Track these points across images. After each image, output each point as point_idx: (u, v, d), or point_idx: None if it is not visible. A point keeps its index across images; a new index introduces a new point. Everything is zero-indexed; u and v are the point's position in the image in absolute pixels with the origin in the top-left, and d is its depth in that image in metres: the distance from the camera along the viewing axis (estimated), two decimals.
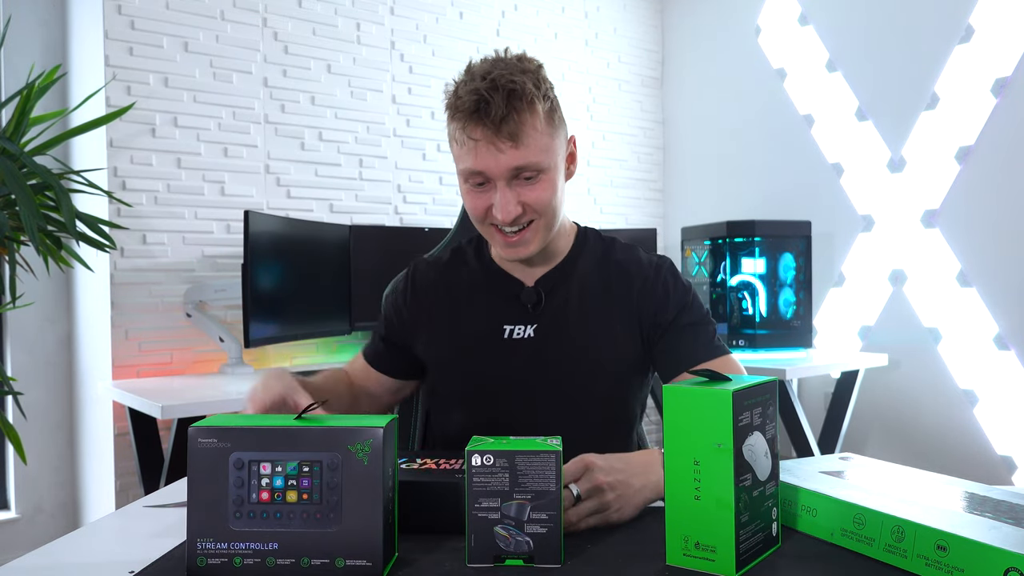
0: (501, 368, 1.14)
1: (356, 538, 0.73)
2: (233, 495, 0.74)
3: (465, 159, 1.07)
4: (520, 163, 1.04)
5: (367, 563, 0.73)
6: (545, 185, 1.07)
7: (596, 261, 1.20)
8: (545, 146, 1.06)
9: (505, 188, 1.05)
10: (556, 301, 1.17)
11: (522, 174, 1.06)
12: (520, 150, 1.04)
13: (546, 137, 1.07)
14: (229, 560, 0.73)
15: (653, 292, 1.16)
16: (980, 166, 2.81)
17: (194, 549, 0.74)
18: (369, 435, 0.74)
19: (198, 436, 0.74)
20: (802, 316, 2.99)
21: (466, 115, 1.04)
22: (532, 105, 1.04)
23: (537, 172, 1.06)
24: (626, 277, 1.18)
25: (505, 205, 1.05)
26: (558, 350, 1.15)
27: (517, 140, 1.03)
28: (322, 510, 0.73)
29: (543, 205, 1.08)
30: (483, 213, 1.09)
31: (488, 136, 1.03)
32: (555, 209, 1.10)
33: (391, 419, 0.77)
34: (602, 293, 1.17)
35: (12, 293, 1.95)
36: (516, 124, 1.03)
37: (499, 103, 1.02)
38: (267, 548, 0.73)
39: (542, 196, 1.07)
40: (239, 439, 0.74)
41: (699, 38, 3.83)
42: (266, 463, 0.74)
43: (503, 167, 1.04)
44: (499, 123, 1.02)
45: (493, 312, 1.18)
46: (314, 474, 0.74)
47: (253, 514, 0.74)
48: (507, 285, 1.19)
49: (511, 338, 1.16)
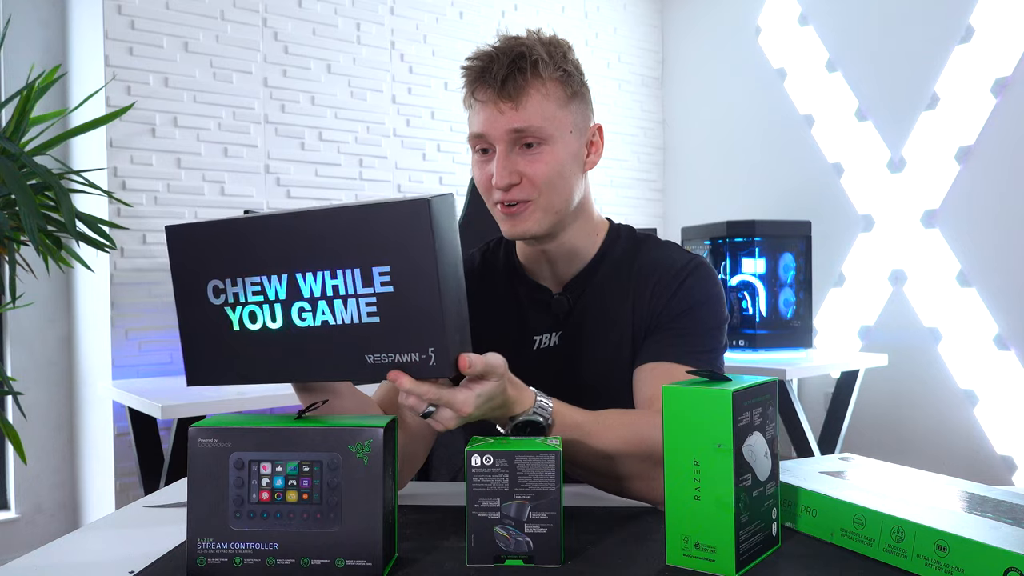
0: (528, 378, 1.08)
1: (356, 538, 0.73)
2: (233, 495, 0.74)
3: (472, 123, 1.05)
4: (519, 125, 1.01)
5: (367, 563, 0.73)
6: (547, 158, 1.02)
7: (621, 263, 1.14)
8: (551, 115, 1.02)
9: (504, 153, 1.02)
10: (580, 307, 1.13)
11: (522, 140, 1.02)
12: (520, 112, 1.01)
13: (553, 106, 1.03)
14: (229, 560, 0.73)
15: (664, 293, 1.09)
16: (980, 166, 2.81)
17: (194, 549, 0.74)
18: (369, 435, 0.74)
19: (198, 436, 0.75)
20: (802, 316, 2.99)
21: (474, 76, 1.03)
22: (537, 69, 1.01)
23: (538, 141, 1.02)
24: (644, 278, 1.11)
25: (500, 169, 1.01)
26: (580, 357, 1.12)
27: (518, 102, 1.01)
28: (322, 510, 0.73)
29: (542, 179, 1.02)
30: (486, 184, 1.05)
31: (491, 96, 1.02)
32: (558, 191, 1.04)
33: (391, 419, 0.77)
34: (620, 297, 1.12)
35: (12, 293, 1.95)
36: (518, 86, 1.01)
37: (502, 63, 1.01)
38: (267, 548, 0.73)
39: (541, 169, 1.02)
40: (239, 439, 0.74)
41: (699, 38, 3.83)
42: (266, 463, 0.74)
43: (501, 128, 1.01)
44: (501, 83, 1.00)
45: (524, 323, 1.15)
46: (314, 474, 0.74)
47: (253, 514, 0.74)
48: (537, 293, 1.15)
49: (539, 348, 1.14)
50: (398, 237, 0.75)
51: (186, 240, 0.82)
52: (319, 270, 0.78)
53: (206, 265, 0.81)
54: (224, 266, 0.81)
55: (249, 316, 0.81)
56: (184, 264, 0.82)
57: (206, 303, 0.82)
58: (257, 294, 0.80)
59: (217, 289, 0.82)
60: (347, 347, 0.78)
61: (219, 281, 0.81)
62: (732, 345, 2.96)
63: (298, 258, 0.79)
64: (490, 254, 1.22)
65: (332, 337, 0.78)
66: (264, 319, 0.81)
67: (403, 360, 0.76)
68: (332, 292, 0.78)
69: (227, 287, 0.81)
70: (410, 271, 0.75)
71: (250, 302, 0.81)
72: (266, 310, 0.80)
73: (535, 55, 1.02)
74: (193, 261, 0.82)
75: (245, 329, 0.81)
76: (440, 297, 0.74)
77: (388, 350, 0.76)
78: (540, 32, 1.07)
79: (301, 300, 0.79)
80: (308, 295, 0.79)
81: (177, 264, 0.83)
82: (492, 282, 1.18)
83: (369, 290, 0.76)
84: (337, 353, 0.78)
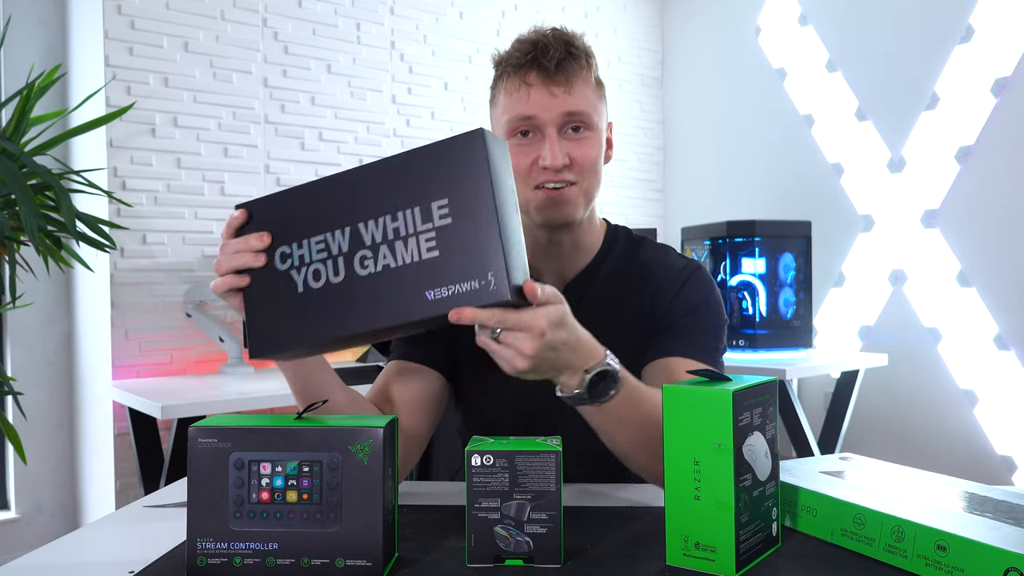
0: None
1: (356, 538, 0.73)
2: (233, 495, 0.74)
3: (516, 106, 1.06)
4: (573, 108, 1.04)
5: (367, 563, 0.73)
6: (593, 143, 1.06)
7: (622, 262, 1.16)
8: (594, 103, 1.07)
9: (554, 135, 1.04)
10: (583, 305, 1.12)
11: (571, 123, 1.05)
12: (574, 96, 1.04)
13: (594, 97, 1.07)
14: (229, 560, 0.73)
15: (666, 294, 1.12)
16: (980, 166, 2.81)
17: (194, 549, 0.74)
18: (369, 435, 0.74)
19: (198, 436, 0.75)
20: (802, 316, 2.99)
21: (522, 60, 1.05)
22: (586, 60, 1.06)
23: (586, 126, 1.06)
24: (645, 279, 1.14)
25: (554, 150, 1.04)
26: None
27: (571, 86, 1.04)
28: (322, 510, 0.73)
29: (589, 163, 1.06)
30: (529, 167, 1.06)
31: (543, 80, 1.04)
32: (596, 177, 1.08)
33: (391, 419, 0.77)
34: (622, 297, 1.15)
35: (12, 293, 1.95)
36: (571, 71, 1.04)
37: (558, 47, 1.03)
38: (267, 548, 0.73)
39: (588, 153, 1.06)
40: (239, 439, 0.74)
41: (699, 38, 3.83)
42: (266, 463, 0.74)
43: (556, 111, 1.04)
44: (555, 66, 1.03)
45: None
46: (314, 474, 0.74)
47: (253, 514, 0.74)
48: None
49: None
50: (455, 168, 0.77)
51: (256, 214, 0.85)
52: (380, 216, 0.80)
53: (275, 235, 0.84)
54: (291, 231, 0.83)
55: (313, 275, 0.82)
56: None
57: (272, 271, 0.84)
58: (321, 251, 0.82)
59: (284, 255, 0.84)
60: (408, 287, 0.78)
61: (286, 247, 0.84)
62: (732, 345, 2.96)
63: (360, 209, 0.81)
64: None
65: (393, 280, 0.79)
66: (327, 274, 0.82)
67: (464, 289, 0.76)
68: (393, 235, 0.79)
69: (293, 251, 0.83)
70: (468, 199, 0.76)
71: (314, 260, 0.82)
72: (329, 265, 0.82)
73: (583, 47, 1.06)
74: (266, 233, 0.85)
75: (308, 289, 0.82)
76: (497, 220, 0.75)
77: (449, 281, 0.76)
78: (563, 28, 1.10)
79: (363, 248, 0.80)
80: (370, 242, 0.80)
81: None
82: None
83: (428, 225, 0.77)
84: (398, 295, 0.79)
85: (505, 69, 1.07)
